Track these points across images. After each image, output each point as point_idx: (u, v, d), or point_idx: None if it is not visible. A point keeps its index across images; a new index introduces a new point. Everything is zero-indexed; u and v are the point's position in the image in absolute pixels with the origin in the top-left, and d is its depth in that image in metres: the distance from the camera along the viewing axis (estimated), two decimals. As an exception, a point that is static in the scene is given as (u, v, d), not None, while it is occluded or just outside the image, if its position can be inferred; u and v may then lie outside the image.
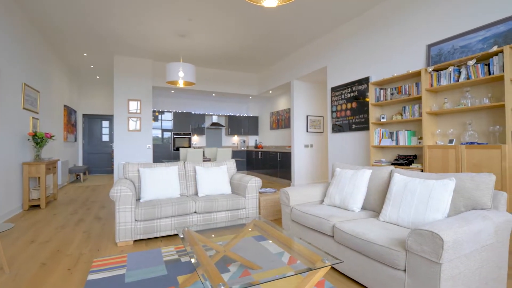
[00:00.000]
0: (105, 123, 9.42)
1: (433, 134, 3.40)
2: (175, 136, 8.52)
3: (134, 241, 2.90)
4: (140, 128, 6.71)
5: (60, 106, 6.77)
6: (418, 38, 3.68)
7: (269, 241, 2.61)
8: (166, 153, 8.44)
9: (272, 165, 7.68)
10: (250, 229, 2.17)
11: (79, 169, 7.56)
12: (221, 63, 7.30)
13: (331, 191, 2.71)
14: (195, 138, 9.33)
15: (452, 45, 3.26)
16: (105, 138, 9.42)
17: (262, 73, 8.12)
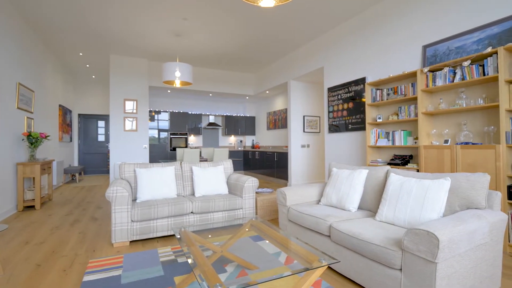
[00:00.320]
0: (101, 123, 9.35)
1: (429, 134, 3.43)
2: (172, 136, 8.48)
3: (130, 242, 2.88)
4: (137, 128, 6.67)
5: (55, 106, 6.71)
6: (414, 39, 3.71)
7: (266, 241, 2.61)
8: (163, 153, 8.41)
9: (269, 165, 7.68)
10: (247, 229, 2.16)
11: (75, 170, 7.49)
12: (218, 63, 7.29)
13: (328, 191, 2.72)
14: (192, 138, 9.31)
15: (448, 46, 3.29)
16: (101, 138, 9.35)
17: (259, 73, 8.13)
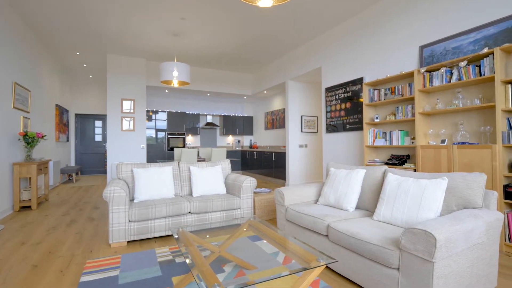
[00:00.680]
0: (98, 123, 9.30)
1: (426, 134, 3.45)
2: (169, 136, 8.46)
3: (128, 242, 2.87)
4: (134, 128, 6.64)
5: (52, 106, 6.67)
6: (411, 40, 3.73)
7: (264, 241, 2.62)
8: (160, 153, 8.38)
9: (267, 165, 7.68)
10: (245, 229, 2.16)
11: (72, 170, 7.45)
12: (216, 63, 7.28)
13: (326, 191, 2.72)
14: (190, 138, 9.29)
15: (444, 47, 3.31)
16: (98, 138, 9.30)
17: (257, 73, 8.12)
